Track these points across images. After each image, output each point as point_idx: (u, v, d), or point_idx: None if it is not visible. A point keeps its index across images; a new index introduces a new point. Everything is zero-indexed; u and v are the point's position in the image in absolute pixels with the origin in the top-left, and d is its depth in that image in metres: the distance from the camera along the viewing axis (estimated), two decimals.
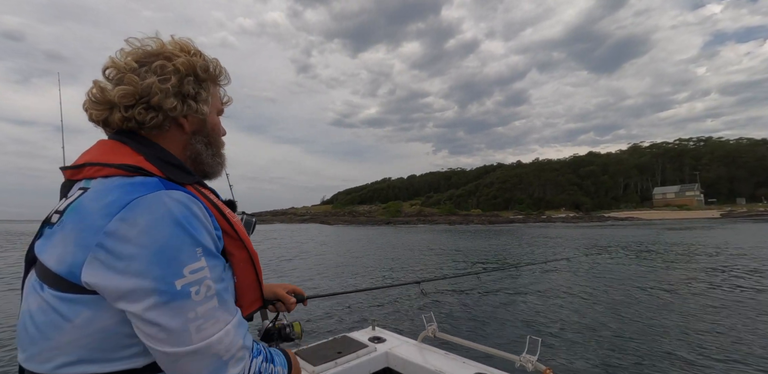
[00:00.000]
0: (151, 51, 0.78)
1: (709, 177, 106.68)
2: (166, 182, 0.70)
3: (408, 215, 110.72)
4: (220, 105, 0.92)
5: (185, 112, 0.79)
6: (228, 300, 0.70)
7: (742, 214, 70.26)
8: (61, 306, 0.64)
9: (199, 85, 0.81)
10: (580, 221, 74.81)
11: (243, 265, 0.80)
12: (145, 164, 0.72)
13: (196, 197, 0.70)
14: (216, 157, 0.90)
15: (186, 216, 0.65)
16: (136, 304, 0.61)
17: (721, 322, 5.43)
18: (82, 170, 0.73)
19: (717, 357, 4.15)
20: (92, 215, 0.64)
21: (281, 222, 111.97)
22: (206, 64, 0.82)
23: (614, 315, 5.74)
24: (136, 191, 0.65)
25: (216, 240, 0.71)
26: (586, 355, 4.20)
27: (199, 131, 0.85)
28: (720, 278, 8.81)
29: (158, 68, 0.75)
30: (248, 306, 0.84)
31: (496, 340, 4.63)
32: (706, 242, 18.75)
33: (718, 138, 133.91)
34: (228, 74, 0.91)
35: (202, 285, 0.64)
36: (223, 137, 0.94)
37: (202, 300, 0.64)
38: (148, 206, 0.63)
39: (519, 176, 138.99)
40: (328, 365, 1.81)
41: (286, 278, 9.79)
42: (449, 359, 1.93)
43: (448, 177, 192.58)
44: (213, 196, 0.82)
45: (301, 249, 19.64)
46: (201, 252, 0.65)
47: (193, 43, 0.83)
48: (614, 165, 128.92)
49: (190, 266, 0.63)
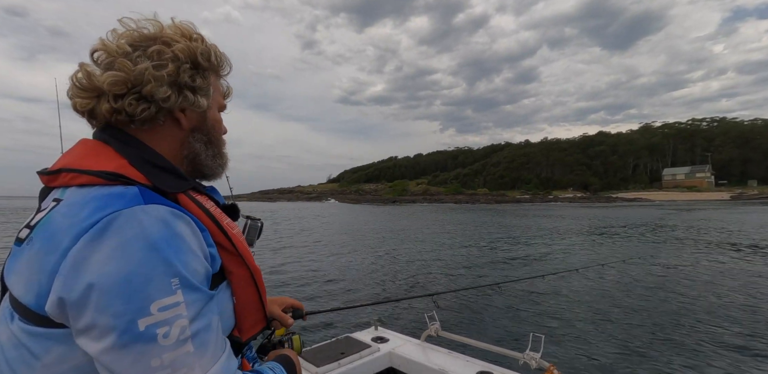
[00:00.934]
0: (148, 34, 0.69)
1: (721, 159, 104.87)
2: (148, 194, 0.60)
3: (414, 194, 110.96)
4: (222, 100, 0.82)
5: (181, 104, 0.70)
6: (209, 342, 0.58)
7: (752, 196, 69.40)
8: (29, 342, 0.57)
9: (198, 74, 0.72)
10: (587, 201, 74.51)
11: (243, 284, 0.72)
12: (128, 170, 0.63)
13: (183, 211, 0.62)
14: (217, 158, 0.81)
15: (164, 238, 0.56)
16: (93, 343, 0.52)
17: (728, 314, 5.42)
18: (58, 177, 0.64)
19: (723, 352, 4.15)
20: (59, 235, 0.55)
21: (288, 200, 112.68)
22: (208, 51, 0.73)
23: (619, 309, 5.73)
24: (110, 206, 0.56)
25: (206, 265, 0.62)
26: (590, 351, 4.22)
27: (199, 128, 0.76)
28: (727, 267, 8.79)
29: (154, 54, 0.67)
30: (249, 329, 0.76)
31: (499, 338, 4.64)
32: (714, 226, 18.64)
33: (732, 119, 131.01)
34: (230, 63, 0.80)
35: (174, 326, 0.53)
36: (224, 136, 0.84)
37: (172, 345, 0.53)
38: (119, 225, 0.54)
39: (527, 156, 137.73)
40: (331, 366, 1.83)
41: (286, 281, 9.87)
42: (452, 357, 1.95)
43: (455, 156, 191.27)
44: (210, 203, 0.72)
45: (304, 235, 19.80)
46: (178, 284, 0.55)
47: (195, 27, 0.74)
48: (624, 145, 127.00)
49: (160, 302, 0.53)
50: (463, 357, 1.93)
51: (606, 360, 3.98)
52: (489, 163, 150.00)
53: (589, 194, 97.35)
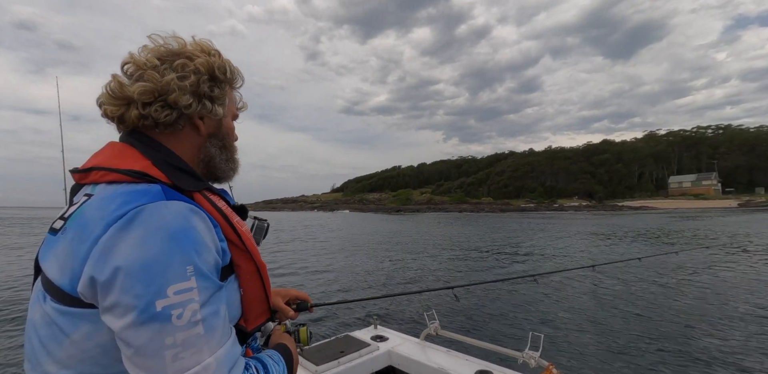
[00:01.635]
0: (173, 50, 0.77)
1: (727, 166, 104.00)
2: (169, 191, 0.67)
3: (418, 204, 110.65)
4: (236, 110, 0.90)
5: (201, 112, 0.78)
6: (216, 328, 0.63)
7: (760, 204, 68.68)
8: (60, 320, 0.63)
9: (216, 86, 0.79)
10: (592, 210, 73.99)
11: (250, 277, 0.77)
12: (152, 170, 0.70)
13: (200, 208, 0.68)
14: (230, 162, 0.89)
15: (182, 230, 0.62)
16: (117, 320, 0.58)
17: (730, 316, 5.37)
18: (89, 174, 0.71)
19: (722, 353, 4.12)
20: (91, 225, 0.62)
21: (291, 210, 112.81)
22: (224, 65, 0.80)
23: (618, 309, 5.72)
24: (136, 200, 0.63)
25: (216, 257, 0.67)
26: (589, 350, 4.21)
27: (215, 134, 0.84)
28: (729, 273, 8.70)
29: (179, 67, 0.75)
30: (254, 320, 0.81)
31: (498, 337, 4.64)
32: (719, 231, 18.45)
33: (737, 126, 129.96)
34: (242, 76, 0.88)
35: (187, 309, 0.59)
36: (236, 143, 0.93)
37: (184, 326, 0.59)
38: (145, 217, 0.61)
39: (531, 164, 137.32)
40: (330, 364, 1.85)
41: (292, 276, 9.89)
42: (452, 356, 1.96)
43: (459, 165, 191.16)
44: (222, 202, 0.78)
45: (312, 239, 19.84)
46: (192, 271, 0.61)
47: (213, 44, 0.82)
48: (629, 153, 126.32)
49: (177, 286, 0.59)
50: (463, 356, 1.94)
51: (604, 360, 3.96)
52: (493, 172, 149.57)
53: (594, 202, 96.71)
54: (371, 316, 4.65)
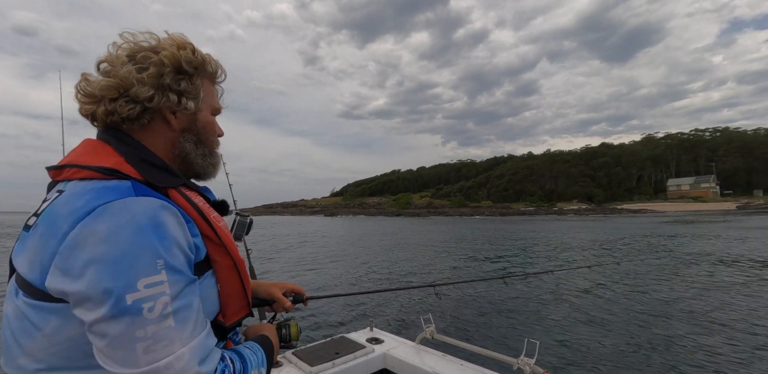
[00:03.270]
0: (145, 46, 0.77)
1: (725, 168, 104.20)
2: (140, 187, 0.68)
3: (418, 207, 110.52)
4: (216, 104, 0.88)
5: (167, 105, 0.77)
6: (188, 319, 0.64)
7: (759, 206, 68.70)
8: (31, 314, 0.64)
9: (184, 79, 0.78)
10: (592, 213, 73.98)
11: (227, 272, 0.78)
12: (124, 166, 0.70)
13: (171, 203, 0.68)
14: (208, 157, 0.87)
15: (151, 225, 0.62)
16: (88, 314, 0.58)
17: (729, 323, 5.38)
18: (63, 172, 0.71)
19: (721, 362, 4.11)
20: (60, 221, 0.62)
21: (291, 214, 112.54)
22: (194, 59, 0.79)
23: (615, 317, 5.70)
24: (105, 197, 0.63)
25: (188, 252, 0.68)
26: (585, 358, 4.20)
27: (189, 129, 0.83)
28: (727, 277, 8.70)
29: (140, 60, 0.74)
30: (233, 315, 0.81)
31: (494, 343, 4.64)
32: (718, 236, 18.46)
33: (735, 128, 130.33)
34: (224, 70, 0.88)
35: (158, 302, 0.60)
36: (219, 138, 0.91)
37: (155, 319, 0.59)
38: (112, 213, 0.61)
39: (530, 168, 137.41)
40: (325, 365, 1.85)
41: (289, 274, 9.89)
42: (447, 361, 1.95)
43: (458, 169, 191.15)
44: (200, 198, 0.80)
45: (307, 240, 19.80)
46: (162, 265, 0.61)
47: (186, 37, 0.81)
48: (627, 156, 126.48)
49: (147, 280, 0.59)
50: (458, 361, 1.94)
51: (601, 368, 3.95)
52: (492, 175, 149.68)
53: (593, 205, 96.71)
54: (367, 318, 4.66)
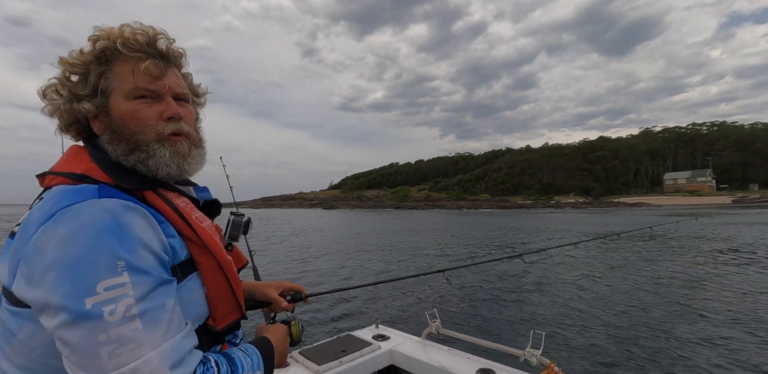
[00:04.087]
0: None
1: (722, 163, 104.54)
2: (108, 190, 0.66)
3: (416, 200, 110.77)
4: (131, 82, 0.73)
5: (70, 117, 0.76)
6: (160, 322, 0.60)
7: (754, 200, 69.14)
8: (9, 319, 0.64)
9: (67, 85, 0.74)
10: (589, 206, 74.31)
11: (212, 274, 0.75)
12: (95, 172, 0.70)
13: (140, 205, 0.67)
14: (132, 154, 0.74)
15: (111, 227, 0.60)
16: (49, 320, 0.57)
17: (733, 314, 5.40)
18: (45, 179, 0.72)
19: (726, 351, 4.14)
20: (29, 227, 0.62)
21: (290, 207, 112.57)
22: (69, 60, 0.73)
23: (620, 307, 5.74)
24: (68, 200, 0.62)
25: (158, 253, 0.65)
26: (590, 348, 4.24)
27: (105, 130, 0.75)
28: (729, 267, 8.76)
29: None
30: (223, 318, 0.78)
31: (500, 335, 4.66)
32: (717, 230, 18.58)
33: (732, 123, 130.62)
34: (134, 38, 0.73)
35: (120, 304, 0.57)
36: (166, 121, 0.75)
37: (118, 322, 0.56)
38: (72, 215, 0.60)
39: (528, 161, 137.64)
40: (332, 364, 1.85)
41: (290, 273, 9.89)
42: (453, 355, 1.96)
43: (456, 162, 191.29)
44: (183, 199, 0.78)
45: (309, 234, 19.81)
46: (124, 266, 0.58)
47: (101, 26, 0.74)
48: (625, 150, 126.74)
49: (106, 282, 0.57)
50: (464, 355, 1.94)
51: (607, 357, 4.00)
52: (490, 169, 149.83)
53: (590, 199, 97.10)
54: (372, 315, 4.66)
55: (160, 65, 0.75)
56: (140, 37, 0.73)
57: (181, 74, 0.82)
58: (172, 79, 0.77)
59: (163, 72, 0.76)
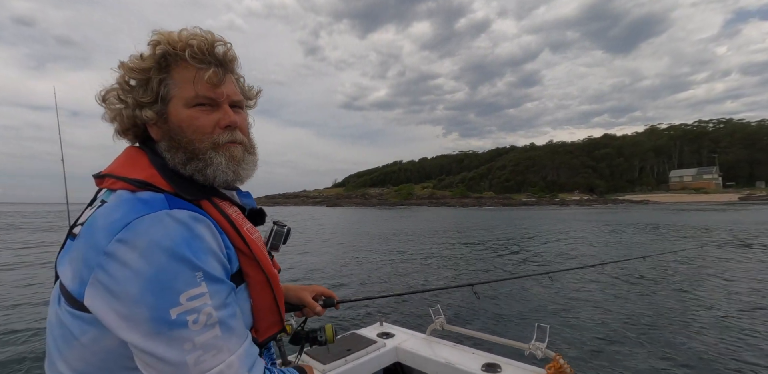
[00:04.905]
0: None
1: (728, 160, 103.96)
2: (174, 200, 0.67)
3: (420, 198, 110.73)
4: (191, 90, 0.73)
5: (129, 122, 0.76)
6: (234, 328, 0.65)
7: (761, 197, 68.72)
8: (71, 322, 0.65)
9: (129, 91, 0.75)
10: (594, 204, 74.08)
11: (259, 287, 0.77)
12: (156, 179, 0.70)
13: (204, 215, 0.68)
14: (191, 163, 0.75)
15: (186, 239, 0.62)
16: (132, 333, 0.58)
17: (738, 309, 5.37)
18: (104, 181, 0.73)
19: (730, 345, 4.12)
20: (98, 234, 0.62)
21: (294, 205, 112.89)
22: (131, 65, 0.74)
23: (623, 300, 5.74)
24: (138, 211, 0.63)
25: (224, 262, 0.68)
26: (595, 341, 4.24)
27: (163, 137, 0.76)
28: (741, 266, 8.70)
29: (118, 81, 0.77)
30: (265, 330, 0.80)
31: (504, 330, 4.67)
32: (721, 226, 18.47)
33: (738, 120, 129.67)
34: (201, 48, 0.73)
35: (201, 313, 0.60)
36: (222, 129, 0.76)
37: (201, 330, 0.60)
38: (147, 227, 0.61)
39: (532, 159, 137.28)
40: (338, 363, 1.84)
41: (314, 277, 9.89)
42: (458, 350, 1.96)
43: (460, 160, 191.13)
44: (234, 209, 0.78)
45: (321, 232, 19.84)
46: (201, 277, 0.61)
47: (159, 31, 0.74)
48: (630, 148, 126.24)
49: (188, 293, 0.60)
50: (469, 350, 1.94)
51: (611, 350, 3.99)
52: (494, 166, 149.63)
53: (595, 196, 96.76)
54: (377, 313, 4.66)
55: (220, 73, 0.75)
56: (203, 45, 0.73)
57: (234, 79, 0.81)
58: (230, 86, 0.77)
59: (222, 80, 0.75)
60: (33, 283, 7.87)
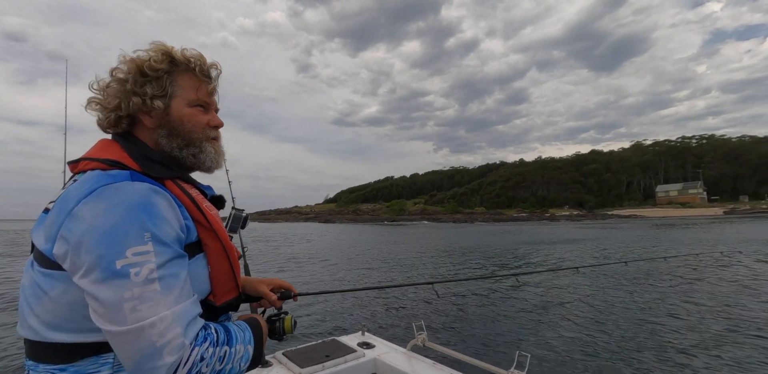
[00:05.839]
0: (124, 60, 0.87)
1: (712, 175, 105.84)
2: (138, 175, 0.77)
3: (412, 214, 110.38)
4: (195, 94, 0.91)
5: (132, 108, 0.85)
6: (174, 287, 0.71)
7: (745, 211, 69.82)
8: (42, 281, 0.73)
9: (148, 82, 0.85)
10: (583, 219, 74.50)
11: (216, 255, 0.85)
12: (126, 160, 0.81)
13: (163, 189, 0.78)
14: (187, 148, 0.91)
15: (141, 203, 0.71)
16: (83, 278, 0.67)
17: (732, 333, 5.34)
18: (79, 164, 0.82)
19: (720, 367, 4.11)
20: (68, 200, 0.71)
21: (285, 221, 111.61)
22: (157, 63, 0.85)
23: (607, 332, 5.52)
24: (105, 180, 0.72)
25: (177, 232, 0.76)
26: (575, 372, 4.11)
27: (162, 125, 0.88)
28: (725, 288, 8.80)
29: (113, 73, 0.87)
30: (223, 295, 0.87)
31: (484, 353, 4.55)
32: (708, 242, 18.67)
33: (720, 136, 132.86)
34: (211, 65, 0.94)
35: (144, 268, 0.67)
36: (211, 128, 0.95)
37: (141, 282, 0.67)
38: (110, 192, 0.70)
39: (522, 175, 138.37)
40: (315, 368, 1.85)
41: (285, 274, 9.82)
42: (437, 369, 1.93)
43: (451, 176, 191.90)
44: (195, 191, 0.89)
45: (305, 246, 19.68)
46: (149, 237, 0.69)
47: (162, 44, 0.89)
48: (617, 163, 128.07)
49: (134, 249, 0.67)
50: (448, 370, 1.91)
51: None
52: (485, 182, 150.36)
53: (585, 211, 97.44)
54: (359, 322, 4.60)
55: (215, 88, 0.96)
56: (206, 64, 0.93)
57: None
58: (216, 98, 0.98)
59: (215, 92, 0.97)
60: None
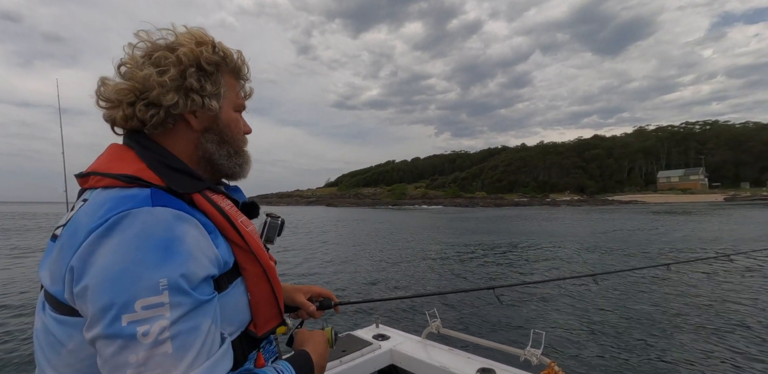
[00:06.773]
0: (159, 43, 0.73)
1: (714, 161, 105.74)
2: (160, 195, 0.64)
3: (413, 198, 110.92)
4: (239, 99, 0.82)
5: (190, 108, 0.73)
6: (191, 346, 0.58)
7: (745, 198, 70.00)
8: (56, 329, 0.63)
9: (206, 77, 0.74)
10: (584, 204, 74.85)
11: (257, 280, 0.75)
12: (145, 173, 0.67)
13: (191, 214, 0.65)
14: (233, 157, 0.81)
15: (162, 240, 0.58)
16: (88, 331, 0.56)
17: (733, 315, 5.39)
18: (88, 179, 0.70)
19: (725, 350, 4.14)
20: (79, 232, 0.60)
21: (287, 204, 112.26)
22: (214, 55, 0.75)
23: (620, 306, 5.72)
24: (121, 206, 0.60)
25: (210, 266, 0.64)
26: (590, 347, 4.23)
27: (211, 129, 0.78)
28: (733, 268, 8.81)
29: (158, 60, 0.71)
30: (264, 324, 0.77)
31: (500, 335, 4.64)
32: (710, 228, 18.72)
33: (724, 122, 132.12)
34: (248, 65, 0.83)
35: (154, 325, 0.55)
36: (246, 135, 0.86)
37: (149, 344, 0.54)
38: (125, 224, 0.58)
39: (524, 159, 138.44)
40: (333, 363, 1.83)
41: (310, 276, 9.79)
42: (454, 355, 1.94)
43: (453, 160, 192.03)
44: (227, 202, 0.76)
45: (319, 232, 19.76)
46: (165, 285, 0.56)
47: (206, 32, 0.77)
48: (619, 148, 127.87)
49: (145, 301, 0.55)
50: (465, 354, 1.92)
51: (607, 356, 3.99)
52: (486, 166, 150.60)
53: (585, 196, 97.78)
54: (373, 315, 4.62)
55: (252, 90, 0.86)
56: (246, 64, 0.83)
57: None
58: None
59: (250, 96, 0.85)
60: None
